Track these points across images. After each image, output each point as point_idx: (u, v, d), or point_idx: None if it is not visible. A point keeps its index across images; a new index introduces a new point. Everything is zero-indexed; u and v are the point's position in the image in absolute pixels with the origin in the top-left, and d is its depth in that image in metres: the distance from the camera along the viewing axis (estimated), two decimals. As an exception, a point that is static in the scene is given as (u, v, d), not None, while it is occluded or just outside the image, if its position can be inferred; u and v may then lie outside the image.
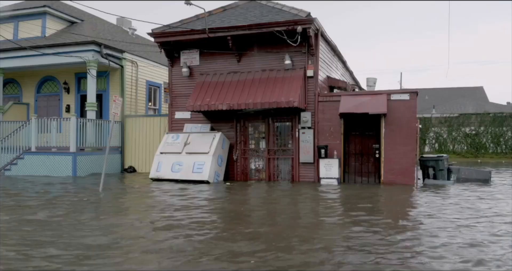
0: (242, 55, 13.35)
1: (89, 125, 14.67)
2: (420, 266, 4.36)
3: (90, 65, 14.77)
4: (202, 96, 12.91)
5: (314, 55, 12.63)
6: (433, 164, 12.31)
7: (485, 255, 4.70)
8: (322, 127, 12.50)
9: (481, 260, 4.49)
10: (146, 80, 17.48)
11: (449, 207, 8.00)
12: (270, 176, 13.04)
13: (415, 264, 4.42)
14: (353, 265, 4.36)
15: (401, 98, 11.93)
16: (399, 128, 11.83)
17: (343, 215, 7.43)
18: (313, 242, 5.31)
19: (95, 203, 8.81)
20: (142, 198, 9.82)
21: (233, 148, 13.34)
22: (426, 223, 6.55)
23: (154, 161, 12.91)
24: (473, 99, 33.47)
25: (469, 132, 27.57)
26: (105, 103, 16.32)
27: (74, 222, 6.55)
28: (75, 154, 14.02)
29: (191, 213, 7.43)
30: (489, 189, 10.98)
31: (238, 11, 13.98)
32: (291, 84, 12.32)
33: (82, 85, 16.84)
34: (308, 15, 12.22)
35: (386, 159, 11.89)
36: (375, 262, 4.46)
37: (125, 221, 6.87)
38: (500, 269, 4.23)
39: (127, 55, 16.26)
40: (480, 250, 4.88)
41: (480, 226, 6.23)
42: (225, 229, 6.27)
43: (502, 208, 7.79)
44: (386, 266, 4.31)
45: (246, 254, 4.79)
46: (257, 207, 8.75)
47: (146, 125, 15.84)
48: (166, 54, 13.96)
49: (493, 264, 4.38)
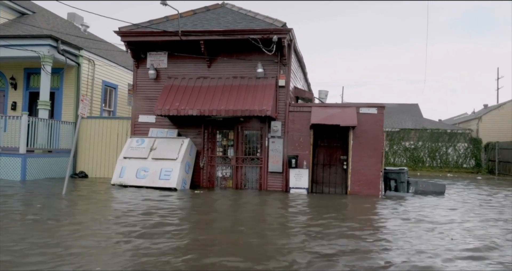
0: (213, 60, 13.12)
1: (41, 125, 13.59)
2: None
3: (45, 61, 13.74)
4: (171, 100, 12.48)
5: (286, 65, 12.72)
6: (395, 176, 12.83)
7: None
8: (292, 137, 12.58)
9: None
10: (103, 80, 16.60)
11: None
12: (238, 184, 12.86)
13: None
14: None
15: (369, 111, 12.34)
16: (366, 140, 12.22)
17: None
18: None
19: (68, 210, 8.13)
20: (113, 211, 9.21)
21: (200, 155, 13.01)
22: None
23: (117, 166, 12.21)
24: (411, 115, 35.50)
25: (409, 146, 29.20)
26: (58, 102, 15.23)
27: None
28: (25, 156, 12.89)
29: (165, 221, 7.08)
30: (442, 200, 11.62)
31: (209, 15, 13.75)
32: (263, 93, 12.29)
33: (32, 82, 15.62)
34: (284, 25, 12.31)
35: (353, 171, 12.21)
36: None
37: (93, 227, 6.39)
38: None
39: (84, 52, 15.34)
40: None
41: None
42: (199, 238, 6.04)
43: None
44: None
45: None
46: (237, 213, 8.56)
47: (102, 127, 14.98)
48: (132, 54, 13.35)
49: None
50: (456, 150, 28.16)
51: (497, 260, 5.20)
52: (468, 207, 10.25)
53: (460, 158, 28.14)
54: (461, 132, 28.67)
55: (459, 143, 28.24)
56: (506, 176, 23.96)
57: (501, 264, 5.04)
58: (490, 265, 4.99)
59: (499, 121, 28.91)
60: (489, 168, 26.92)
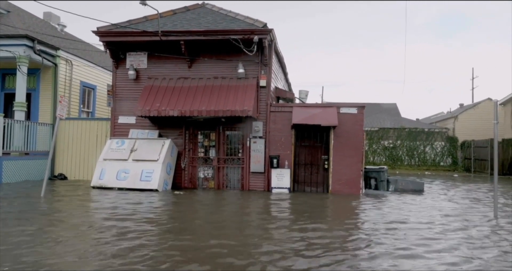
0: (193, 61, 13.05)
1: (17, 127, 13.29)
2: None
3: (21, 61, 13.44)
4: (151, 101, 12.37)
5: (267, 65, 12.76)
6: (375, 175, 13.03)
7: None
8: (273, 137, 12.63)
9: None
10: (80, 80, 16.33)
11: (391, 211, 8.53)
12: (220, 184, 12.83)
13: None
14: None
15: (349, 111, 12.48)
16: (347, 140, 12.36)
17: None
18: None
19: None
20: (95, 215, 9.07)
21: (181, 155, 12.93)
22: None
23: (97, 168, 12.03)
24: (390, 115, 36.06)
25: (387, 145, 29.65)
26: (34, 104, 14.91)
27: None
28: (1, 158, 12.57)
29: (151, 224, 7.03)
30: (420, 197, 11.85)
31: (189, 15, 13.69)
32: (244, 93, 12.30)
33: (7, 82, 15.27)
34: (264, 25, 12.34)
35: (334, 170, 12.33)
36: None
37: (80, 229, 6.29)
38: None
39: (61, 52, 15.06)
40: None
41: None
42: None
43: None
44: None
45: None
46: (222, 214, 8.54)
47: (81, 129, 14.73)
48: (111, 55, 13.18)
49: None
50: (433, 149, 28.72)
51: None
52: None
53: (437, 156, 28.72)
54: (438, 131, 29.28)
55: (436, 142, 28.81)
56: (481, 173, 24.57)
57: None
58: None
59: (475, 120, 29.66)
60: (465, 166, 27.56)
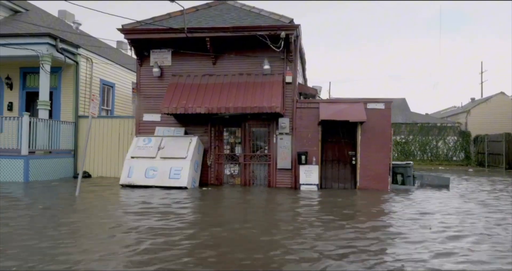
0: (218, 57, 12.99)
1: (41, 126, 13.25)
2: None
3: (44, 60, 13.37)
4: (177, 98, 12.32)
5: (292, 62, 12.69)
6: (402, 170, 12.99)
7: None
8: (300, 133, 12.58)
9: None
10: (100, 78, 16.28)
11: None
12: (246, 181, 12.80)
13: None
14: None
15: (376, 107, 12.43)
16: (374, 136, 12.31)
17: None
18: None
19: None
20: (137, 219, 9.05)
21: (207, 153, 12.90)
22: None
23: (124, 166, 12.00)
24: (400, 110, 35.93)
25: (400, 140, 29.58)
26: (56, 102, 14.86)
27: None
28: (28, 157, 12.56)
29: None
30: (451, 192, 11.81)
31: (212, 12, 13.61)
32: (271, 89, 12.24)
33: (28, 81, 15.22)
34: (291, 21, 12.27)
35: (362, 166, 12.28)
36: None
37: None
38: None
39: (82, 51, 15.00)
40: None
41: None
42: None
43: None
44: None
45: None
46: (265, 211, 8.52)
47: (104, 127, 14.71)
48: (136, 52, 13.13)
49: None
50: (446, 143, 28.62)
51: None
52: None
53: (450, 151, 28.63)
54: (451, 125, 29.19)
55: (448, 137, 28.70)
56: (495, 167, 24.52)
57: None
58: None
59: (487, 114, 29.55)
60: (478, 161, 27.48)
